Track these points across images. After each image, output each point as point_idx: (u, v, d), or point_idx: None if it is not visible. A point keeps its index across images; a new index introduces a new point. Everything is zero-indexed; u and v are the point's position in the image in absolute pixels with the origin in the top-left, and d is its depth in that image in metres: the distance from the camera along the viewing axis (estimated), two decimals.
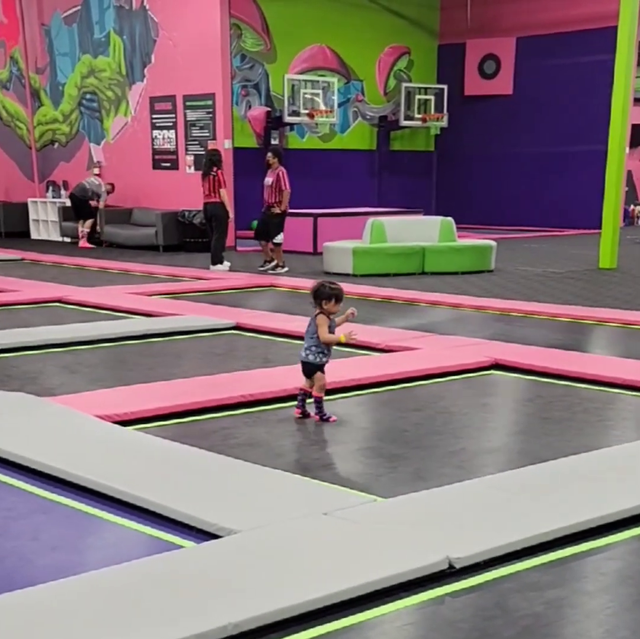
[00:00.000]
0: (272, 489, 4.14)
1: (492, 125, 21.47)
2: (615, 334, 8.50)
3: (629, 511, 3.90)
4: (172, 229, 15.97)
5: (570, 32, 19.97)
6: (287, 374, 6.34)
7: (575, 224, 19.84)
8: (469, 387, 6.39)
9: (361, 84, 21.07)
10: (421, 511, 3.87)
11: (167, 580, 3.22)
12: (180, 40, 16.14)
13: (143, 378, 6.42)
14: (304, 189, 18.07)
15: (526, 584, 3.32)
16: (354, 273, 12.27)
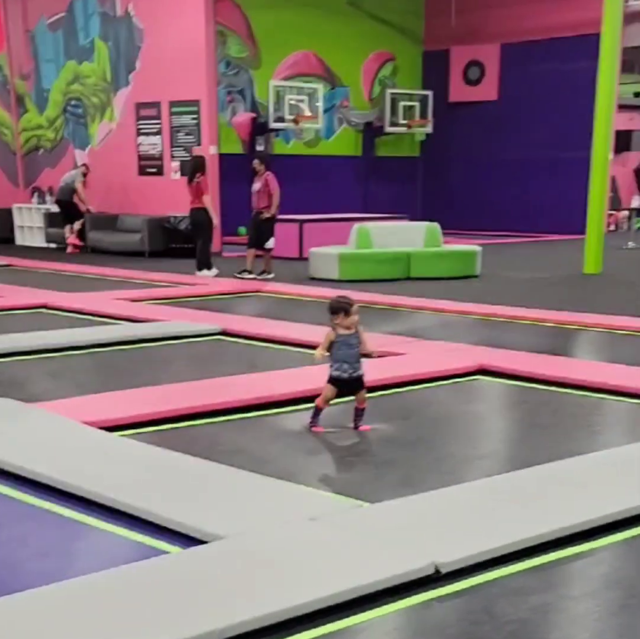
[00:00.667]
0: (258, 495, 4.14)
1: (477, 131, 21.55)
2: (600, 339, 8.54)
3: (614, 515, 3.91)
4: (157, 235, 15.95)
5: (554, 39, 20.09)
6: (273, 380, 6.35)
7: (560, 229, 19.92)
8: (455, 393, 6.41)
9: (346, 90, 21.11)
10: (407, 516, 3.88)
11: (153, 586, 3.22)
12: (165, 47, 16.13)
13: (129, 384, 6.40)
14: (290, 195, 18.03)
15: (512, 589, 3.33)
16: (339, 279, 12.28)
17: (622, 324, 8.81)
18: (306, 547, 3.55)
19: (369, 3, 20.69)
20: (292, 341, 8.00)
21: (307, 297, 10.96)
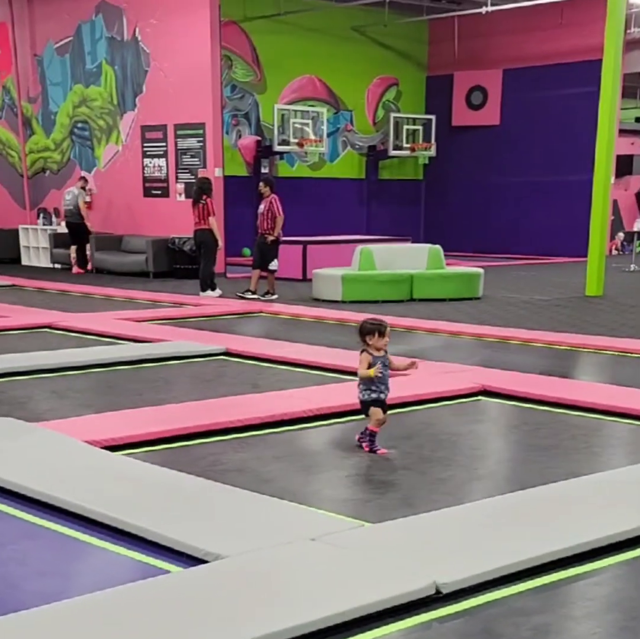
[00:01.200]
0: (259, 515, 4.15)
1: (479, 155, 21.65)
2: (602, 360, 8.55)
3: (615, 536, 3.91)
4: (162, 256, 16.00)
5: (556, 65, 20.22)
6: (276, 400, 6.36)
7: (562, 252, 19.97)
8: (457, 414, 6.41)
9: (350, 114, 21.24)
10: (409, 536, 3.88)
11: (154, 605, 3.22)
12: (171, 71, 16.27)
13: (132, 404, 6.42)
14: (294, 217, 18.14)
15: (513, 609, 3.33)
16: (343, 299, 12.33)
17: (623, 346, 8.82)
18: (307, 567, 3.55)
19: (373, 29, 20.86)
20: (295, 361, 8.02)
21: (310, 318, 10.99)
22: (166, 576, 3.54)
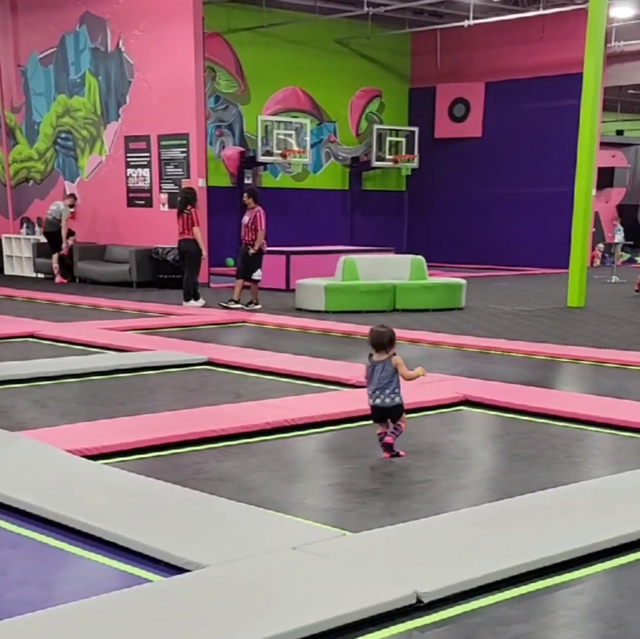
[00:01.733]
0: (241, 524, 4.15)
1: (462, 167, 21.77)
2: (583, 371, 8.60)
3: (596, 545, 3.93)
4: (145, 266, 15.99)
5: (538, 78, 20.38)
6: (258, 409, 6.36)
7: (544, 263, 20.08)
8: (439, 423, 6.44)
9: (334, 125, 21.33)
10: (390, 545, 3.89)
11: (136, 614, 3.21)
12: (155, 82, 16.28)
13: (114, 413, 6.41)
14: (278, 227, 18.19)
15: (494, 618, 3.34)
16: (326, 310, 12.35)
17: (605, 356, 8.87)
18: (288, 576, 3.54)
19: (356, 41, 20.97)
20: (278, 371, 8.02)
21: (293, 328, 11.00)
22: (147, 585, 3.53)
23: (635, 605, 3.46)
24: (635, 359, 8.71)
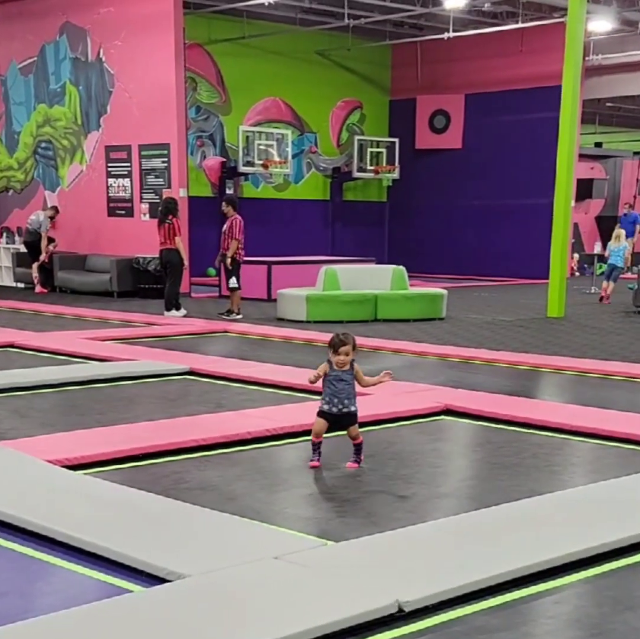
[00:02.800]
0: (222, 534, 4.14)
1: (443, 178, 21.87)
2: (563, 381, 8.65)
3: (576, 554, 3.95)
4: (126, 276, 15.95)
5: (517, 90, 20.54)
6: (240, 419, 6.36)
7: (524, 273, 20.19)
8: (420, 433, 6.45)
9: (315, 136, 21.39)
10: (371, 554, 3.89)
11: (116, 625, 3.20)
12: (136, 92, 16.27)
13: (94, 423, 6.38)
14: (259, 237, 18.22)
15: (475, 627, 3.34)
16: (307, 319, 12.36)
17: (585, 366, 8.93)
18: (270, 586, 3.54)
19: (336, 53, 21.05)
20: (259, 381, 8.02)
21: (275, 338, 11.01)
22: (128, 596, 3.52)
23: (614, 613, 3.48)
24: (615, 369, 8.77)
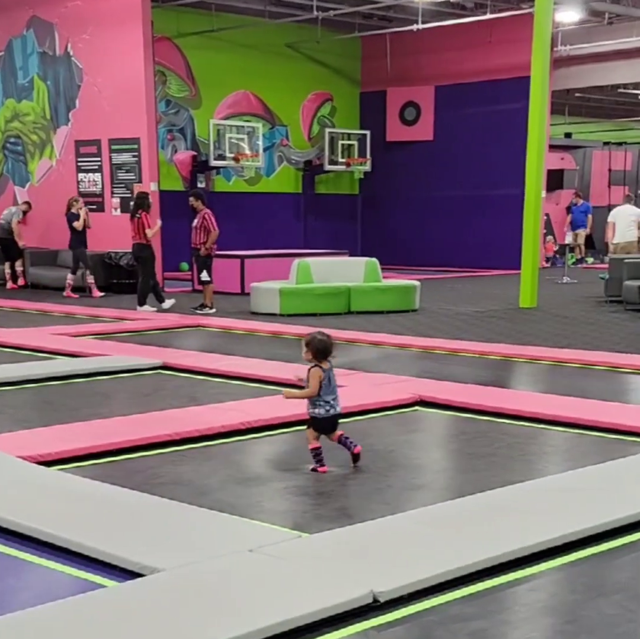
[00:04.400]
0: (197, 527, 4.13)
1: (414, 170, 21.90)
2: (537, 370, 8.69)
3: (549, 542, 3.97)
4: (98, 271, 15.82)
5: (487, 81, 20.58)
6: (214, 413, 6.34)
7: (496, 264, 20.27)
8: (394, 424, 6.46)
9: (286, 129, 21.35)
10: (346, 546, 3.89)
11: (91, 620, 3.18)
12: (104, 86, 16.15)
13: (68, 419, 6.34)
14: (232, 231, 18.14)
15: (450, 616, 3.36)
16: (281, 313, 12.34)
17: (558, 356, 8.98)
18: (245, 579, 3.53)
19: (306, 45, 21.00)
20: (233, 374, 8.01)
21: (248, 332, 10.99)
22: (102, 591, 3.50)
23: (588, 600, 3.50)
24: (588, 358, 8.83)
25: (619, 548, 4.06)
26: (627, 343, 9.88)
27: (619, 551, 4.02)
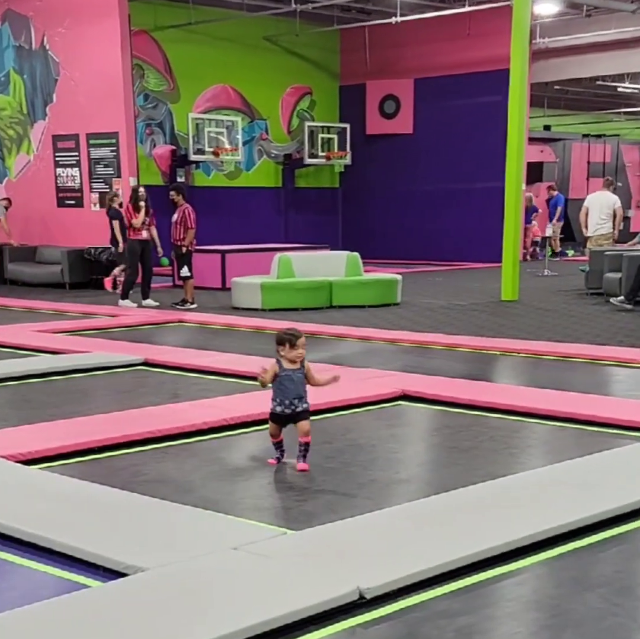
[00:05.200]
0: (181, 526, 4.11)
1: (394, 163, 21.89)
2: (519, 363, 8.71)
3: (534, 536, 3.97)
4: (78, 267, 15.75)
5: (466, 74, 20.58)
6: (196, 409, 6.31)
7: (477, 257, 20.31)
8: (378, 419, 6.45)
9: (265, 123, 21.28)
10: (331, 542, 3.88)
11: (74, 621, 3.15)
12: (82, 80, 16.04)
13: (48, 417, 6.29)
14: (212, 226, 18.09)
15: (436, 612, 3.35)
16: (262, 308, 12.32)
17: (538, 349, 9.00)
18: (230, 576, 3.52)
19: (285, 38, 20.93)
20: (215, 370, 7.97)
21: (230, 327, 10.95)
22: (86, 591, 3.47)
23: (574, 594, 3.51)
24: (570, 350, 8.85)
25: (603, 541, 4.06)
26: (608, 335, 9.92)
27: (604, 545, 4.03)
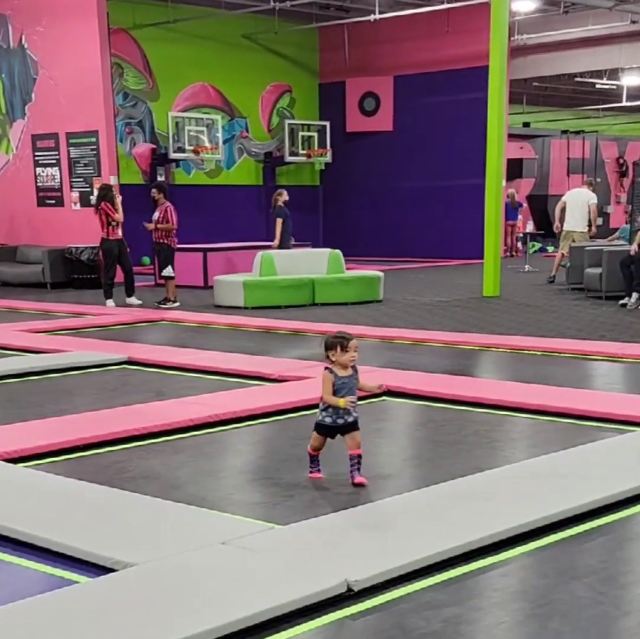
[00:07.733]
0: (168, 521, 4.11)
1: (375, 160, 21.93)
2: (501, 358, 8.76)
3: (520, 527, 4.01)
4: (59, 266, 15.68)
5: (445, 71, 20.65)
6: (181, 406, 6.32)
7: (458, 254, 20.38)
8: (362, 415, 6.42)
9: (245, 121, 21.27)
10: (318, 536, 3.90)
11: (63, 617, 3.16)
12: (61, 79, 15.97)
13: (33, 415, 6.27)
14: (193, 224, 18.07)
15: (423, 603, 3.38)
16: (245, 306, 12.31)
17: (522, 343, 9.05)
18: (218, 571, 3.53)
19: (264, 36, 20.93)
20: (199, 368, 7.98)
21: (212, 325, 10.94)
22: (74, 587, 3.47)
23: (558, 584, 3.54)
24: (552, 345, 8.91)
25: (587, 531, 4.10)
26: (589, 330, 9.99)
27: (588, 535, 4.07)
